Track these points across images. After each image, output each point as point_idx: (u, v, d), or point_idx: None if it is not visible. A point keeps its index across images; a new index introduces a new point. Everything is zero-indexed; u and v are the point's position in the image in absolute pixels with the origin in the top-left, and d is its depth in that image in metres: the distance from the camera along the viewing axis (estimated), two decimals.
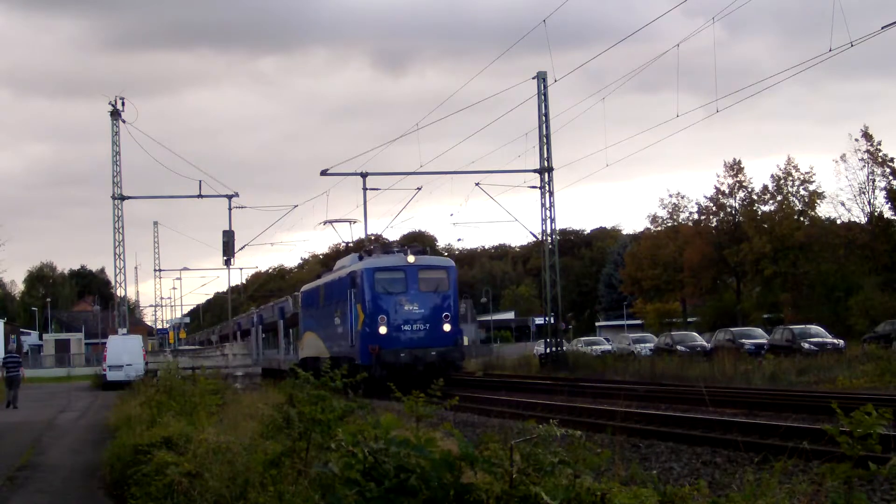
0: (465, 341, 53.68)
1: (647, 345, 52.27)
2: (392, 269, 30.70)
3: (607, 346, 57.00)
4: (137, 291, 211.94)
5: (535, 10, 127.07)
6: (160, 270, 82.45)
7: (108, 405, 26.77)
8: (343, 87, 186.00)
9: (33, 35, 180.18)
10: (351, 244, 41.00)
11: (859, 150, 57.46)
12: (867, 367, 28.51)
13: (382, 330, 29.75)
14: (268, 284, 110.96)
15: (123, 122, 47.82)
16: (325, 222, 40.86)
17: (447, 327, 30.20)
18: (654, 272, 71.37)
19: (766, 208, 64.10)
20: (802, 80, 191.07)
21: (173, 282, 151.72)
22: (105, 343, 50.46)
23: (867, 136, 57.42)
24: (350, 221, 40.82)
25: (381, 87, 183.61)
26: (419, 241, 58.84)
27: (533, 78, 41.06)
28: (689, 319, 74.89)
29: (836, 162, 61.05)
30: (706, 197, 67.04)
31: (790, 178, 62.71)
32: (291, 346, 53.33)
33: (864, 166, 57.62)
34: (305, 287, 42.56)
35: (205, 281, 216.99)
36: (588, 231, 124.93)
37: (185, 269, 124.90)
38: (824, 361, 31.71)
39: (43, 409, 30.11)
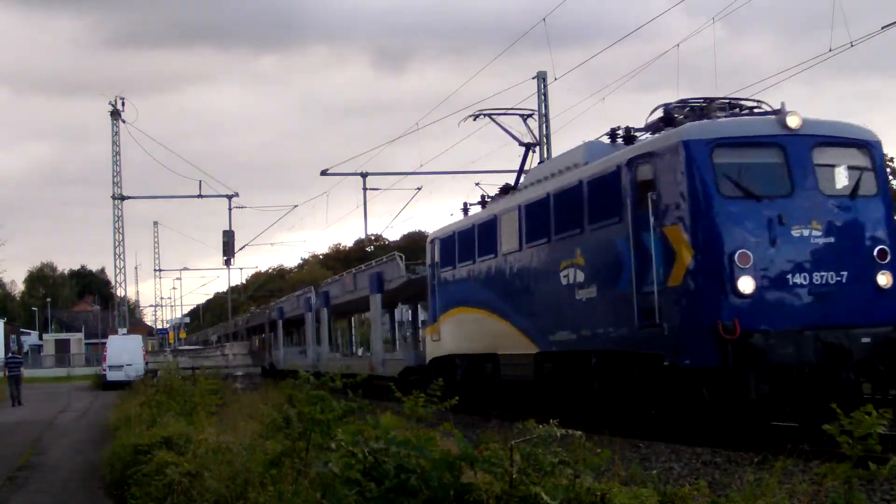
0: None
1: None
2: (753, 144, 13.88)
3: None
4: (137, 291, 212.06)
5: (534, 9, 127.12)
6: (160, 270, 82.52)
7: (108, 405, 26.79)
8: (343, 87, 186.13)
9: (33, 34, 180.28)
10: (529, 144, 22.48)
11: None
12: None
13: (745, 285, 13.05)
14: (268, 284, 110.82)
15: (123, 121, 48.03)
16: (478, 114, 22.84)
17: (885, 279, 13.59)
18: None
19: None
20: (802, 80, 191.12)
21: (173, 282, 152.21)
22: (105, 343, 50.50)
23: None
24: (525, 115, 22.92)
25: (381, 86, 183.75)
26: (419, 241, 56.41)
27: (533, 78, 41.05)
28: None
29: None
30: None
31: None
32: (397, 340, 40.61)
33: None
34: (448, 229, 23.11)
35: (205, 281, 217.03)
36: None
37: (185, 269, 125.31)
38: None
39: (43, 409, 30.16)
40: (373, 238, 74.49)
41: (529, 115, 22.90)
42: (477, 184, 41.19)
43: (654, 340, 13.98)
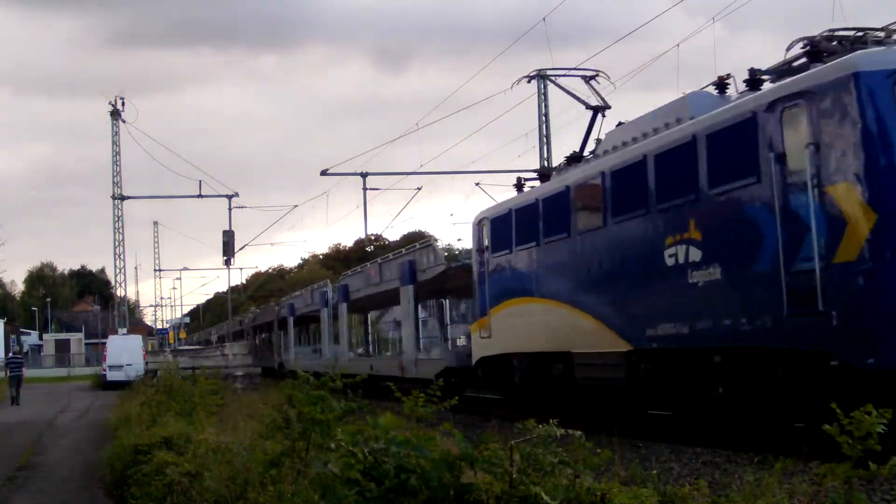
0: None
1: None
2: None
3: None
4: (137, 291, 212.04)
5: (534, 9, 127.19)
6: (160, 270, 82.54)
7: (108, 405, 26.80)
8: (343, 87, 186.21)
9: (33, 34, 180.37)
10: (597, 107, 19.14)
11: None
12: None
13: None
14: (268, 284, 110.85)
15: (123, 121, 48.15)
16: (534, 75, 21.82)
17: None
18: None
19: None
20: None
21: (173, 282, 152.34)
22: (105, 343, 50.54)
23: None
24: (589, 76, 19.77)
25: (381, 86, 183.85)
26: (420, 241, 55.47)
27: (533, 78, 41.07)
28: None
29: None
30: None
31: None
32: (423, 337, 35.59)
33: None
34: (501, 206, 20.03)
35: (205, 281, 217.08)
36: None
37: (185, 269, 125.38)
38: None
39: (43, 409, 30.18)
40: (373, 238, 74.61)
41: (594, 76, 19.61)
42: (477, 184, 41.00)
43: (815, 333, 10.98)
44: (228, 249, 48.36)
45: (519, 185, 20.10)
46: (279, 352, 51.65)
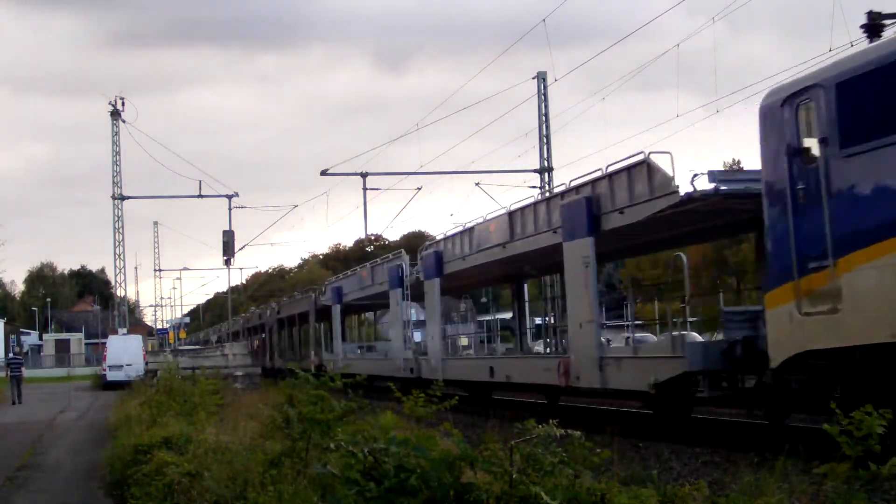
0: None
1: None
2: None
3: None
4: (137, 291, 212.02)
5: (535, 9, 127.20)
6: (160, 270, 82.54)
7: (108, 405, 26.79)
8: (343, 87, 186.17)
9: (33, 33, 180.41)
10: None
11: None
12: None
13: None
14: (268, 284, 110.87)
15: (123, 121, 48.16)
16: None
17: None
18: (654, 272, 71.55)
19: None
20: None
21: (173, 282, 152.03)
22: (105, 343, 50.54)
23: None
24: None
25: (381, 86, 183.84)
26: (420, 241, 55.49)
27: (533, 78, 41.10)
28: (689, 319, 74.76)
29: None
30: None
31: None
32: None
33: None
34: (869, 57, 10.12)
35: (205, 281, 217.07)
36: None
37: (185, 269, 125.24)
38: None
39: (43, 409, 30.19)
40: (373, 238, 74.55)
41: None
42: (477, 184, 40.79)
43: None
44: (228, 249, 48.38)
45: (876, 27, 12.18)
46: (317, 350, 41.68)
